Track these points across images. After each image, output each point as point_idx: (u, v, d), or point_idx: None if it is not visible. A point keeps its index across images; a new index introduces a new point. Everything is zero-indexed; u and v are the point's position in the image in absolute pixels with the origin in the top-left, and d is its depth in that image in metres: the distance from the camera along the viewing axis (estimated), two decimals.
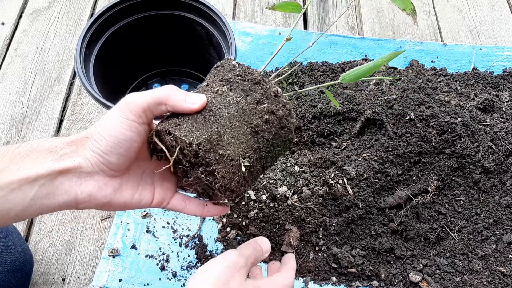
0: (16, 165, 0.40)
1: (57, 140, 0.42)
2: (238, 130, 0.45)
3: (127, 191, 0.46)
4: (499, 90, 0.86)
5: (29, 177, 0.40)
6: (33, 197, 0.40)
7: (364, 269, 0.67)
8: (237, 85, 0.47)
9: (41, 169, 0.40)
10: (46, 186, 0.41)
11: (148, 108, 0.42)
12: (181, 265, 0.69)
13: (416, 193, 0.70)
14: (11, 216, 0.40)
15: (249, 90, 0.46)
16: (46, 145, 0.42)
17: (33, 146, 0.41)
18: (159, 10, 0.77)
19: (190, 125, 0.43)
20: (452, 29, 1.01)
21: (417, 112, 0.72)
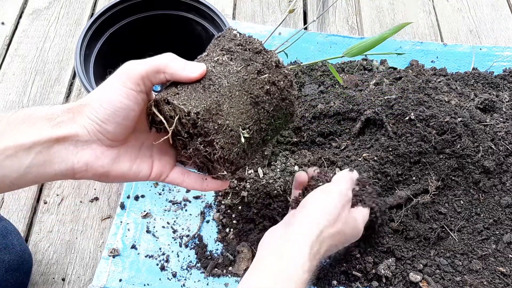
0: (12, 131, 0.39)
1: (54, 108, 0.41)
2: (238, 100, 0.44)
3: (125, 162, 0.45)
4: (499, 90, 0.86)
5: (25, 144, 0.39)
6: (29, 164, 0.39)
7: (368, 271, 0.67)
8: (238, 55, 0.46)
9: (38, 136, 0.39)
10: (42, 154, 0.40)
11: (146, 76, 0.42)
12: (181, 265, 0.69)
13: (416, 193, 0.70)
14: (6, 184, 0.40)
15: (249, 60, 0.45)
16: (43, 112, 0.41)
17: (30, 112, 0.40)
18: (159, 10, 0.77)
19: (189, 94, 0.43)
20: (452, 29, 1.01)
21: (417, 112, 0.72)
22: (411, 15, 1.03)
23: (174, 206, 0.75)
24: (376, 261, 0.68)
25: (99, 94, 0.41)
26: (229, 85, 0.44)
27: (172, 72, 0.43)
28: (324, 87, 0.84)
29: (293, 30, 0.97)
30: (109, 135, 0.42)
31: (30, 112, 0.41)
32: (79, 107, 0.41)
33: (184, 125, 0.43)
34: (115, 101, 0.41)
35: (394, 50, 0.94)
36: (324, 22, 1.02)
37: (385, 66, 0.91)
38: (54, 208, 0.76)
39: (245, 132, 0.45)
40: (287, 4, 1.05)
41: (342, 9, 1.05)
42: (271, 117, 0.47)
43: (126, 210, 0.74)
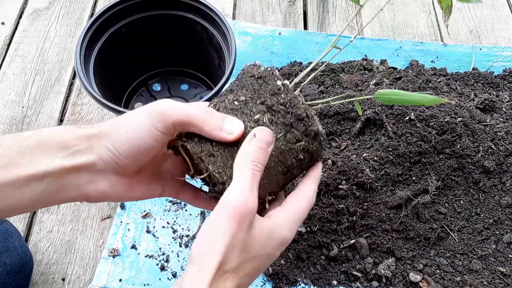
0: (23, 160, 0.38)
1: (69, 133, 0.39)
2: (271, 171, 0.43)
3: (139, 189, 0.44)
4: (499, 90, 0.86)
5: (38, 173, 0.38)
6: (41, 193, 0.39)
7: (368, 271, 0.67)
8: (279, 117, 0.43)
9: (51, 165, 0.38)
10: (55, 183, 0.39)
11: (179, 124, 0.40)
12: (181, 265, 0.69)
13: (416, 193, 0.70)
14: (17, 210, 0.40)
15: (290, 126, 0.43)
16: (57, 139, 0.39)
17: (43, 139, 0.39)
18: (159, 10, 0.77)
19: (225, 160, 0.41)
20: (452, 29, 1.01)
21: (417, 112, 0.72)
22: (411, 15, 1.03)
23: (174, 206, 0.75)
24: (376, 261, 0.68)
25: (124, 127, 0.40)
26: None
27: (208, 132, 0.40)
28: (324, 87, 0.84)
29: (293, 30, 0.97)
30: (127, 168, 0.41)
31: (43, 138, 0.39)
32: (99, 136, 0.40)
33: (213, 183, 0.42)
34: (141, 141, 0.39)
35: (394, 50, 0.94)
36: (324, 22, 1.02)
37: (385, 66, 0.91)
38: (54, 208, 0.75)
39: (270, 198, 0.44)
40: (287, 4, 1.05)
41: (342, 9, 1.05)
42: (294, 176, 0.46)
43: (126, 210, 0.74)
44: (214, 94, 0.66)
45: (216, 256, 0.36)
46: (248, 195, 0.38)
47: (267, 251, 0.40)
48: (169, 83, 0.89)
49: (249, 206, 0.38)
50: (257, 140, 0.40)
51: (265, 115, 0.42)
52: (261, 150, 0.40)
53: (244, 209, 0.37)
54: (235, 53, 0.70)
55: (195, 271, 0.36)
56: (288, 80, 0.47)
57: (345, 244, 0.68)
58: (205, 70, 0.87)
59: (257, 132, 0.41)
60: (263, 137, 0.40)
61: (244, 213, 0.37)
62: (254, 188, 0.39)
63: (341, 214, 0.69)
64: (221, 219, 0.37)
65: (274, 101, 0.43)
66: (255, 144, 0.40)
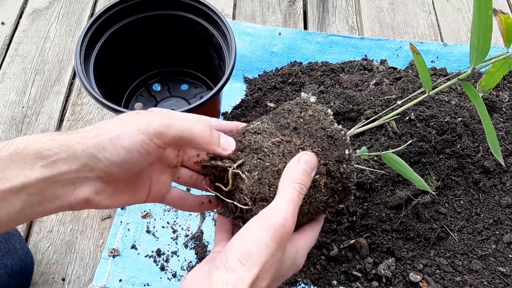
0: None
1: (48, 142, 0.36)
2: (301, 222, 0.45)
3: (123, 196, 0.42)
4: (499, 90, 0.86)
5: (14, 187, 0.35)
6: (21, 207, 0.36)
7: (368, 271, 0.67)
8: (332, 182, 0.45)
9: (29, 177, 0.35)
10: (35, 195, 0.36)
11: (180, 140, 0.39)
12: (181, 265, 0.69)
13: (416, 193, 0.70)
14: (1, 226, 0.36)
15: (336, 192, 0.46)
16: (34, 148, 0.35)
17: (18, 149, 0.35)
18: (159, 10, 0.77)
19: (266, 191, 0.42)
20: (452, 29, 1.01)
21: (417, 112, 0.72)
22: (411, 15, 1.03)
23: None
24: (376, 261, 0.68)
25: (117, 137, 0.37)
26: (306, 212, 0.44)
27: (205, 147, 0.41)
28: (324, 87, 0.84)
29: (293, 30, 0.97)
30: (113, 176, 0.39)
31: (18, 147, 0.35)
32: (83, 143, 0.37)
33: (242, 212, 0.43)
34: (135, 152, 0.37)
35: (394, 50, 0.94)
36: (324, 22, 1.02)
37: (385, 66, 0.91)
38: None
39: None
40: (287, 4, 1.05)
41: (342, 9, 1.05)
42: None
43: (126, 210, 0.74)
44: (214, 94, 0.66)
45: (255, 270, 0.36)
46: (289, 217, 0.38)
47: (288, 274, 0.43)
48: (169, 83, 0.89)
49: (289, 228, 0.38)
50: (304, 163, 0.41)
51: (322, 178, 0.44)
52: (306, 174, 0.41)
53: (286, 231, 0.38)
54: (235, 53, 0.70)
55: (231, 278, 0.36)
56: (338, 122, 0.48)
57: (345, 244, 0.68)
58: (205, 70, 0.87)
59: (303, 156, 0.42)
60: (309, 162, 0.42)
61: (285, 234, 0.38)
62: (296, 210, 0.39)
63: (341, 214, 0.69)
64: (265, 236, 0.37)
65: (335, 168, 0.44)
66: (302, 168, 0.41)
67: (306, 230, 0.45)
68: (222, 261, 0.37)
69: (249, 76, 0.90)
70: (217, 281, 0.36)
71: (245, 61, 0.92)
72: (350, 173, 0.45)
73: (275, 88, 0.86)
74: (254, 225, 0.38)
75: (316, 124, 0.45)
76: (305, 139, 0.44)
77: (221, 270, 0.37)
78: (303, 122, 0.45)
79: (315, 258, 0.68)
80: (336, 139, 0.45)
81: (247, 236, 0.38)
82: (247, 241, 0.38)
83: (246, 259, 0.37)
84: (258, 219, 0.39)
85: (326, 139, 0.45)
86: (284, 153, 0.43)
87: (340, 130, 0.45)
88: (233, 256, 0.37)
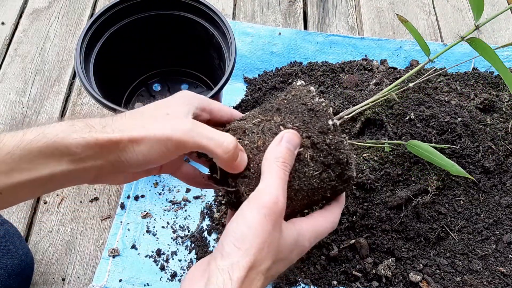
0: (28, 165, 0.37)
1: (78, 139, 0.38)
2: (297, 202, 0.44)
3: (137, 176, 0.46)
4: (499, 90, 0.86)
5: (42, 177, 0.37)
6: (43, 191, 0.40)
7: (368, 271, 0.67)
8: (321, 156, 0.43)
9: (56, 169, 0.38)
10: (59, 183, 0.40)
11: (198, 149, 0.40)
12: (181, 265, 0.69)
13: (416, 193, 0.70)
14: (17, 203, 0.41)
15: (328, 167, 0.44)
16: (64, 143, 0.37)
17: (48, 141, 0.37)
18: (159, 10, 0.77)
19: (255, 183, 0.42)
20: (452, 29, 1.01)
21: (417, 112, 0.72)
22: (411, 15, 1.03)
23: (174, 206, 0.75)
24: (376, 261, 0.68)
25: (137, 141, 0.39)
26: (298, 189, 0.43)
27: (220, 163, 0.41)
28: (324, 87, 0.84)
29: (293, 30, 0.97)
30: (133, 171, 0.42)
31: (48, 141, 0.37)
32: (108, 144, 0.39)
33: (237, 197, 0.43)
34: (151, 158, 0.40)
35: (394, 50, 0.94)
36: (324, 22, 1.02)
37: (385, 66, 0.91)
38: (54, 208, 0.76)
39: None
40: (287, 4, 1.05)
41: (342, 9, 1.05)
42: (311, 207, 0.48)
43: (126, 210, 0.74)
44: (214, 94, 0.66)
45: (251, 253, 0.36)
46: (280, 194, 0.39)
47: (292, 256, 0.42)
48: (169, 83, 0.89)
49: (280, 205, 0.38)
50: (286, 142, 0.42)
51: (308, 151, 0.43)
52: (289, 152, 0.41)
53: (278, 207, 0.38)
54: (235, 53, 0.70)
55: (226, 264, 0.36)
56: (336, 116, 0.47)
57: (345, 244, 0.68)
58: (205, 70, 0.87)
59: (286, 134, 0.42)
60: (291, 140, 0.42)
61: (278, 211, 0.38)
62: (284, 187, 0.40)
63: (341, 214, 0.69)
64: (257, 216, 0.37)
65: (321, 140, 0.43)
66: (285, 146, 0.41)
67: (312, 216, 0.45)
68: (219, 249, 0.38)
69: (249, 76, 0.90)
70: (213, 269, 0.36)
71: (245, 61, 0.92)
72: (338, 144, 0.44)
73: (275, 88, 0.86)
74: (246, 208, 0.38)
75: (297, 101, 0.45)
76: (286, 116, 0.44)
77: (218, 258, 0.37)
78: (286, 103, 0.46)
79: (315, 258, 0.68)
80: (317, 111, 0.44)
81: (239, 219, 0.38)
82: (241, 224, 0.37)
83: (241, 242, 0.36)
84: (248, 202, 0.39)
85: (307, 113, 0.44)
86: (264, 131, 0.43)
87: (321, 102, 0.45)
88: (227, 241, 0.37)
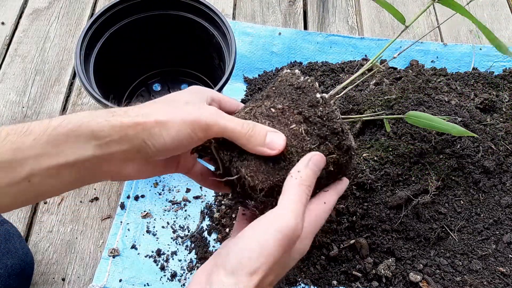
0: (55, 149, 0.37)
1: (103, 122, 0.38)
2: None
3: (158, 170, 0.46)
4: (499, 90, 0.86)
5: (68, 163, 0.37)
6: (70, 180, 0.39)
7: (368, 271, 0.67)
8: (315, 129, 0.44)
9: (83, 155, 0.38)
10: (85, 170, 0.39)
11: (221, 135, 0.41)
12: (181, 265, 0.69)
13: (416, 193, 0.70)
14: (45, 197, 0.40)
15: (325, 139, 0.44)
16: (90, 128, 0.38)
17: (74, 127, 0.38)
18: (159, 10, 0.77)
19: (258, 165, 0.42)
20: (452, 29, 1.01)
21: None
22: (411, 15, 1.03)
23: (174, 206, 0.75)
24: (376, 261, 0.68)
25: (164, 126, 0.39)
26: None
27: (251, 148, 0.41)
28: (324, 87, 0.84)
29: (293, 30, 0.97)
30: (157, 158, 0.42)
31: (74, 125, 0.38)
32: (134, 127, 0.39)
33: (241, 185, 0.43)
34: (179, 143, 0.40)
35: (394, 50, 0.94)
36: (324, 22, 1.02)
37: (385, 66, 0.91)
38: (54, 208, 0.76)
39: None
40: (287, 4, 1.05)
41: (342, 9, 1.05)
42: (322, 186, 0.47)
43: (126, 210, 0.74)
44: None
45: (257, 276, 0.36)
46: (300, 222, 0.38)
47: (293, 262, 0.42)
48: (169, 83, 0.89)
49: (298, 233, 0.38)
50: (313, 164, 0.41)
51: (301, 126, 0.43)
52: (315, 176, 0.41)
53: (294, 235, 0.38)
54: (235, 53, 0.70)
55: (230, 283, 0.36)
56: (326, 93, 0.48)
57: (345, 244, 0.68)
58: (205, 70, 0.87)
59: (314, 157, 0.42)
60: (318, 162, 0.42)
61: (294, 239, 0.38)
62: (304, 213, 0.39)
63: (341, 214, 0.69)
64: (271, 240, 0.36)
65: (312, 113, 0.44)
66: (311, 169, 0.41)
67: (310, 210, 0.43)
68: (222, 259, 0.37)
69: (249, 76, 0.90)
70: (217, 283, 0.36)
71: (245, 61, 0.92)
72: (330, 114, 0.44)
73: None
74: (262, 227, 0.38)
75: (284, 84, 0.46)
76: (275, 99, 0.45)
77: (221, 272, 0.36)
78: (274, 89, 0.47)
79: (315, 258, 0.68)
80: (303, 87, 0.45)
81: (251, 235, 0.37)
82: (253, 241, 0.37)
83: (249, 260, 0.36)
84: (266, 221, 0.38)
85: (294, 91, 0.45)
86: (256, 115, 0.44)
87: (307, 79, 0.46)
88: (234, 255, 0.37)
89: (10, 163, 0.36)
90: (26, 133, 0.37)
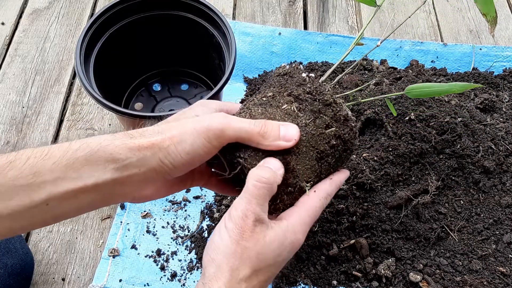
0: (74, 173, 0.37)
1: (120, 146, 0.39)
2: (304, 156, 0.43)
3: (176, 187, 0.47)
4: (499, 90, 0.86)
5: (87, 186, 0.38)
6: (89, 203, 0.39)
7: (368, 271, 0.67)
8: (307, 105, 0.44)
9: (101, 178, 0.38)
10: (104, 193, 0.39)
11: (235, 139, 0.41)
12: (181, 265, 0.69)
13: (416, 193, 0.70)
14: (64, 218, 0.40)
15: (319, 112, 0.44)
16: (108, 151, 0.38)
17: (92, 150, 0.38)
18: (159, 10, 0.77)
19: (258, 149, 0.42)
20: (452, 29, 1.01)
21: (417, 112, 0.72)
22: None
23: (174, 206, 0.75)
24: (376, 261, 0.68)
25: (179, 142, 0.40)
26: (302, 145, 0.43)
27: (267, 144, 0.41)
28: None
29: (293, 30, 0.97)
30: (175, 176, 0.42)
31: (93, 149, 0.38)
32: (151, 147, 0.39)
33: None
34: (196, 155, 0.40)
35: (394, 50, 0.94)
36: (324, 22, 1.02)
37: (385, 66, 0.91)
38: None
39: (308, 185, 0.44)
40: (287, 4, 1.05)
41: (342, 9, 1.05)
42: (331, 167, 0.47)
43: (126, 210, 0.74)
44: (214, 94, 0.66)
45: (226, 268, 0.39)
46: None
47: (282, 257, 0.42)
48: (169, 83, 0.89)
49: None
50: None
51: (292, 104, 0.44)
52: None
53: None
54: (235, 53, 0.70)
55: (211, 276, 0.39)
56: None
57: (345, 244, 0.68)
58: (205, 70, 0.87)
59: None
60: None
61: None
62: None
63: (341, 214, 0.69)
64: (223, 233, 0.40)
65: (301, 91, 0.45)
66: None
67: (300, 202, 0.44)
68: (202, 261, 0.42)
69: (249, 76, 0.90)
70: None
71: (245, 61, 0.92)
72: (318, 88, 0.45)
73: None
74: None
75: (272, 76, 0.48)
76: (266, 90, 0.46)
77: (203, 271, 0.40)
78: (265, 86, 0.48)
79: (315, 258, 0.68)
80: (289, 72, 0.47)
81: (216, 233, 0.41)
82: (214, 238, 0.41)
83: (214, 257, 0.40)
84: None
85: (282, 78, 0.47)
86: (249, 107, 0.45)
87: (292, 65, 0.47)
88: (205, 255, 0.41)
89: (29, 186, 0.36)
90: (46, 157, 0.37)
